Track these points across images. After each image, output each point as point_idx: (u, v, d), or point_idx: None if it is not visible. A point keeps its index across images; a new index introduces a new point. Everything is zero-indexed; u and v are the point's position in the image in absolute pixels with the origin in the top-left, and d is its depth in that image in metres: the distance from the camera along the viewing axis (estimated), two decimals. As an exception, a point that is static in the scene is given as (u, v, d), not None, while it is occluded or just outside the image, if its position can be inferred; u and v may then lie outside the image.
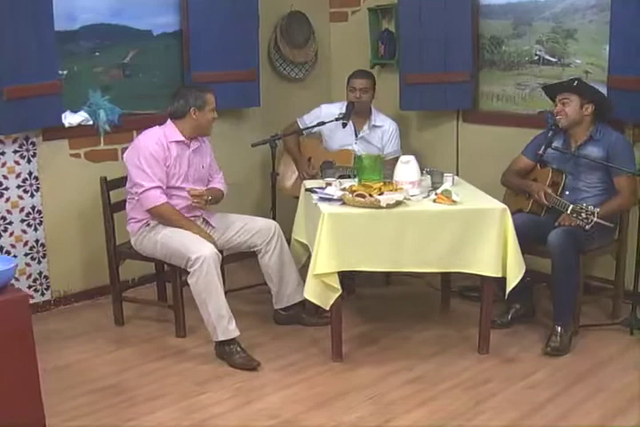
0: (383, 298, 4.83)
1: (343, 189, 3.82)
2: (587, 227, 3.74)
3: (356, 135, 4.86)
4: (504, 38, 4.97)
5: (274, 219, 4.70)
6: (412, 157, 4.00)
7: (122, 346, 4.15)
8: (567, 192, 4.22)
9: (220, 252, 4.34)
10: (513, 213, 4.25)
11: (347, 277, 4.25)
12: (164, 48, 4.98)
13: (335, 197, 3.79)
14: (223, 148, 5.08)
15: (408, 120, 5.43)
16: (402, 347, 4.10)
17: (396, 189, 3.77)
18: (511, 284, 3.78)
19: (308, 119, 4.89)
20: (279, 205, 4.72)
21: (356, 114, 4.78)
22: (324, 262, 3.67)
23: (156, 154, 3.95)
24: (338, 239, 3.67)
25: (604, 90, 4.40)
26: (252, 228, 4.23)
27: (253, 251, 4.28)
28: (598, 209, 3.74)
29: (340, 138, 4.85)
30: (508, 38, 4.95)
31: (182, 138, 4.04)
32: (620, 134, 4.17)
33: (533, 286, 4.39)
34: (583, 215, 3.74)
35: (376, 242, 3.70)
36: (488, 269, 3.75)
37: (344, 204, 3.78)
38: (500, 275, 3.77)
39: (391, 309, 4.66)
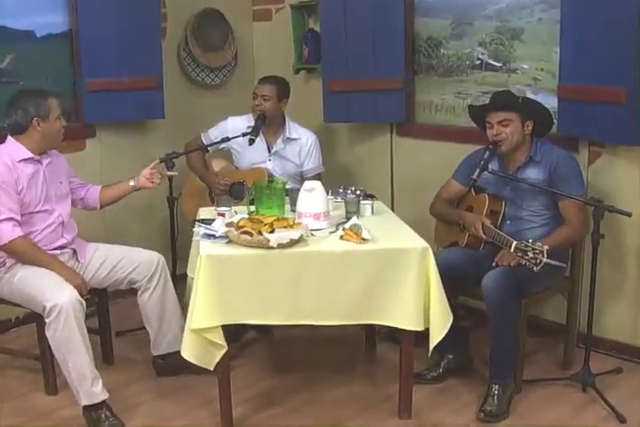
0: (301, 341, 4.14)
1: (229, 225, 3.13)
2: (535, 269, 3.10)
3: (269, 151, 4.19)
4: (442, 39, 4.34)
5: (173, 251, 4.09)
6: (317, 184, 3.32)
7: (-19, 405, 3.48)
8: (508, 222, 3.58)
9: (104, 290, 3.76)
10: (447, 247, 3.67)
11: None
12: (50, 51, 4.33)
13: (220, 234, 3.11)
14: (122, 166, 4.44)
15: (337, 132, 4.83)
16: (309, 410, 3.43)
17: (291, 225, 3.09)
18: (435, 339, 3.13)
19: (214, 134, 4.25)
20: (187, 235, 4.00)
21: (267, 126, 4.13)
22: (204, 315, 3.01)
23: (1, 178, 3.29)
24: (220, 286, 3.01)
25: (554, 100, 3.79)
26: (131, 261, 3.61)
27: (135, 288, 3.67)
28: (547, 247, 3.08)
29: (252, 155, 4.21)
30: (447, 39, 4.32)
31: (31, 154, 3.39)
32: (563, 152, 3.52)
33: (471, 331, 3.80)
34: (530, 254, 3.11)
35: (267, 290, 3.04)
36: (406, 321, 3.10)
37: (231, 242, 3.10)
38: (421, 328, 3.11)
39: (308, 355, 4.00)
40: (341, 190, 3.68)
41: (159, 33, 4.51)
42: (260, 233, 3.01)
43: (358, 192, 3.62)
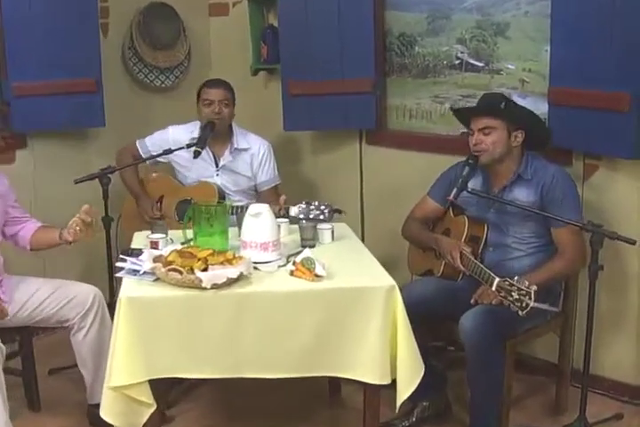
0: (256, 381, 3.59)
1: (157, 259, 2.62)
2: (520, 313, 2.65)
3: (217, 165, 3.72)
4: (417, 36, 3.93)
5: (110, 278, 3.62)
6: (264, 207, 2.82)
7: None
8: (491, 249, 3.11)
9: (26, 328, 3.29)
10: (422, 275, 3.19)
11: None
12: (-29, 51, 3.84)
13: (145, 270, 2.60)
14: (57, 181, 3.99)
15: (299, 141, 4.39)
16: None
17: (230, 260, 2.59)
18: (403, 394, 2.65)
19: (152, 144, 3.79)
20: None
21: (213, 136, 3.66)
22: (125, 369, 2.53)
23: None
24: (144, 335, 2.53)
25: (544, 105, 3.35)
26: (63, 295, 3.17)
27: (66, 326, 3.22)
28: (535, 287, 2.61)
29: (198, 170, 3.75)
30: (422, 36, 3.91)
31: None
32: (558, 169, 3.06)
33: (451, 369, 3.36)
34: (515, 295, 2.66)
35: (201, 338, 2.56)
36: (369, 374, 2.62)
37: (159, 279, 2.60)
38: (387, 381, 2.63)
39: (263, 399, 3.47)
40: (304, 206, 3.14)
41: (97, 29, 4.02)
42: (191, 271, 2.51)
43: (323, 208, 3.11)
